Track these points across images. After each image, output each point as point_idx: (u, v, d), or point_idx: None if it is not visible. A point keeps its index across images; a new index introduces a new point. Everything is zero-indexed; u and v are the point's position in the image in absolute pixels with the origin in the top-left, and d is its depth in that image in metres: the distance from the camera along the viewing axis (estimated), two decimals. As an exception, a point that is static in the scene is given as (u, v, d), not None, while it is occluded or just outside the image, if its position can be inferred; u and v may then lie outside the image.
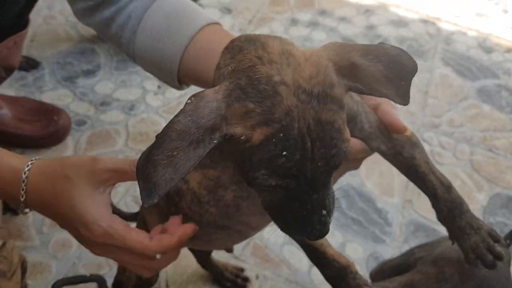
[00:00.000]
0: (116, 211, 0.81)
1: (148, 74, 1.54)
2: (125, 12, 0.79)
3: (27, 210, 0.61)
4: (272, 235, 0.54)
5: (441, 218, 0.68)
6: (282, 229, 0.54)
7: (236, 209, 0.63)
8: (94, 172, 0.59)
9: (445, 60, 1.81)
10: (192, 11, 0.80)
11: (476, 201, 1.36)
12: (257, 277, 1.13)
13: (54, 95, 1.43)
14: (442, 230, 1.25)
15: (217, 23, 0.79)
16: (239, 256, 1.16)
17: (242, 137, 0.46)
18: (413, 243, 1.23)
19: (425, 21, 1.98)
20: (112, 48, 1.61)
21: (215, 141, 0.46)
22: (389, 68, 0.51)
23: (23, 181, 0.58)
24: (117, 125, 1.39)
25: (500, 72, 1.79)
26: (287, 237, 0.54)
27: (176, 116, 0.46)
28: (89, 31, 1.65)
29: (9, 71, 1.13)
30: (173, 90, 1.51)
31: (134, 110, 1.43)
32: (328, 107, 0.47)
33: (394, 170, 0.68)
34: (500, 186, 1.41)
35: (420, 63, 1.75)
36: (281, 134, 0.45)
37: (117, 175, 0.60)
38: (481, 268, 0.72)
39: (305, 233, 0.51)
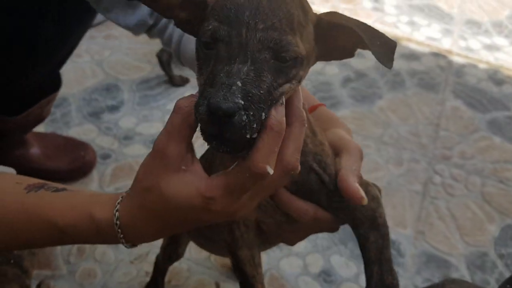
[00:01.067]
0: None
1: (169, 108, 1.61)
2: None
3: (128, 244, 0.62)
4: (288, 266, 0.58)
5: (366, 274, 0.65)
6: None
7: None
8: (164, 156, 0.55)
9: (456, 92, 1.86)
10: None
11: (488, 232, 1.39)
12: (273, 306, 1.17)
13: (80, 130, 1.51)
14: (453, 261, 1.28)
15: None
16: (256, 286, 1.20)
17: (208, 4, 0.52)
18: (426, 274, 1.27)
19: (436, 55, 2.03)
20: (134, 84, 1.69)
21: None
22: (373, 38, 0.52)
23: (116, 224, 0.60)
24: (140, 158, 1.46)
25: (511, 104, 1.83)
26: (302, 268, 0.58)
27: None
28: (114, 68, 1.74)
29: (40, 121, 1.22)
30: (193, 124, 1.58)
31: (155, 144, 1.50)
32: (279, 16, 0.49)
33: (406, 202, 0.71)
34: (511, 217, 1.43)
35: (431, 95, 1.81)
36: None
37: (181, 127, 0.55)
38: None
39: (208, 103, 0.46)
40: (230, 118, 0.45)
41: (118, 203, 0.60)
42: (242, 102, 0.46)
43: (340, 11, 0.53)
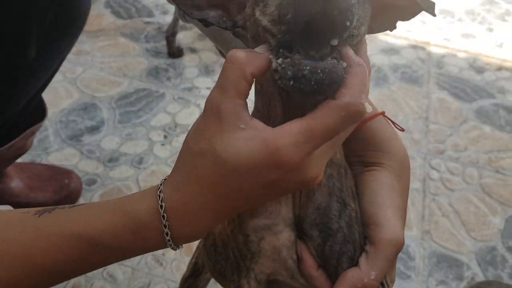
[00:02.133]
0: None
1: (153, 124, 1.53)
2: None
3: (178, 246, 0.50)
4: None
5: None
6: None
7: None
8: (218, 113, 0.45)
9: (440, 84, 1.84)
10: None
11: (493, 226, 1.37)
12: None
13: (61, 155, 1.41)
14: (464, 259, 1.26)
15: None
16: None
17: None
18: (438, 275, 1.23)
19: (415, 47, 2.02)
20: (113, 101, 1.60)
21: None
22: None
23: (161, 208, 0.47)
24: (127, 180, 1.37)
25: (495, 91, 1.83)
26: None
27: None
28: (89, 86, 1.64)
29: (22, 154, 1.12)
30: (179, 139, 1.50)
31: (142, 163, 1.42)
32: None
33: (409, 202, 0.63)
34: (513, 208, 1.42)
35: (416, 89, 1.79)
36: None
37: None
38: None
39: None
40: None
41: (160, 184, 0.48)
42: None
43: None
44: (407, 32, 2.08)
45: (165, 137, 1.51)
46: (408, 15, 0.54)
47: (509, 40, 2.10)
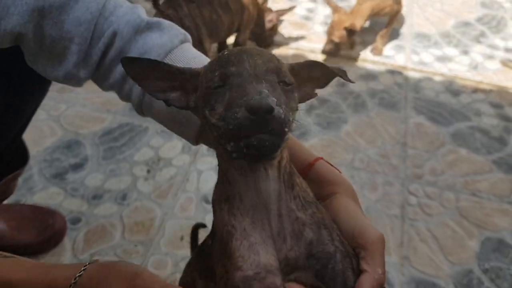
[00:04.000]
0: None
1: (136, 158, 1.56)
2: (124, 88, 0.77)
3: None
4: None
5: None
6: (230, 126, 0.54)
7: None
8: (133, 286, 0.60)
9: (417, 108, 1.89)
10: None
11: (469, 248, 1.40)
12: None
13: (45, 194, 1.44)
14: (442, 284, 1.29)
15: None
16: None
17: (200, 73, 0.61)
18: (417, 301, 1.26)
19: (392, 72, 2.07)
20: (97, 137, 1.63)
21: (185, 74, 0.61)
22: (331, 67, 0.63)
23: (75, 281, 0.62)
24: (112, 218, 1.40)
25: (471, 114, 1.88)
26: None
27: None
28: (72, 123, 1.68)
29: (4, 199, 1.15)
30: (163, 173, 1.54)
31: (126, 199, 1.45)
32: (269, 63, 0.58)
33: (387, 228, 0.71)
34: (489, 230, 1.46)
35: (394, 114, 1.84)
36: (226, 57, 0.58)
37: None
38: None
39: (248, 105, 0.52)
40: (271, 113, 0.51)
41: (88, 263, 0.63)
42: (275, 100, 0.52)
43: (294, 37, 0.53)
44: (385, 57, 2.13)
45: (148, 171, 1.54)
46: (323, 83, 0.65)
47: (484, 62, 2.16)
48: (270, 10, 2.05)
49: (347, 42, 2.04)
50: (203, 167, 1.57)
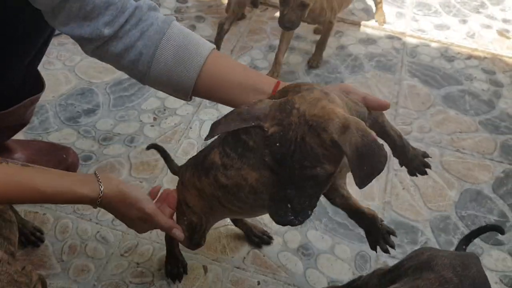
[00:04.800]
0: None
1: (144, 107, 1.68)
2: (134, 50, 0.94)
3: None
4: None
5: (397, 155, 1.02)
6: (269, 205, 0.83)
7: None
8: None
9: (412, 71, 1.98)
10: (195, 42, 0.97)
11: (448, 198, 1.52)
12: (258, 283, 1.27)
13: (59, 135, 1.57)
14: (420, 227, 1.40)
15: (214, 48, 0.99)
16: (240, 265, 1.30)
17: (266, 128, 0.78)
18: (395, 240, 1.38)
19: (391, 37, 2.16)
20: (108, 86, 1.75)
21: (253, 123, 0.79)
22: (362, 162, 0.76)
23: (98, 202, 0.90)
24: (120, 157, 1.53)
25: (463, 78, 1.97)
26: (281, 244, 0.71)
27: (242, 106, 0.82)
28: (86, 73, 1.80)
29: (23, 126, 1.27)
30: (168, 121, 1.66)
31: (134, 142, 1.58)
32: (312, 135, 0.75)
33: None
34: (469, 182, 1.57)
35: (389, 76, 1.94)
36: (281, 133, 0.76)
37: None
38: (471, 268, 0.91)
39: (272, 215, 0.81)
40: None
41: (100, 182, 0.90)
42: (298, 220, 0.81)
43: None
44: (385, 24, 2.22)
45: (155, 119, 1.66)
46: None
47: (480, 31, 2.23)
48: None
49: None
50: (205, 117, 1.69)
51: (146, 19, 0.95)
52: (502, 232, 1.10)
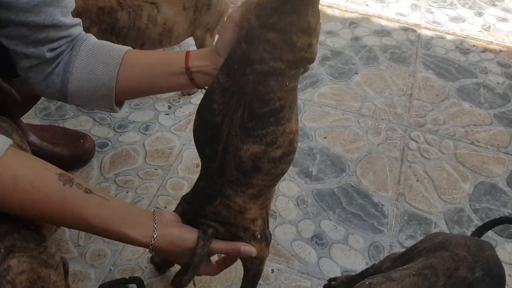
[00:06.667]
0: None
1: (158, 96, 1.68)
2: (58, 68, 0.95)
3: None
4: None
5: None
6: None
7: None
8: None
9: (426, 64, 1.97)
10: (110, 44, 0.98)
11: (462, 190, 1.51)
12: (272, 271, 1.28)
13: (76, 122, 1.58)
14: (433, 219, 1.40)
15: (130, 48, 0.99)
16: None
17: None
18: (408, 231, 1.38)
19: (405, 29, 2.15)
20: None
21: None
22: None
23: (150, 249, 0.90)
24: (135, 144, 1.54)
25: (478, 71, 1.96)
26: (295, 233, 0.69)
27: None
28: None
29: (36, 98, 1.27)
30: (182, 110, 1.66)
31: (149, 130, 1.59)
32: None
33: (387, 168, 0.83)
34: (483, 175, 1.56)
35: (403, 68, 1.93)
36: None
37: None
38: (486, 250, 0.90)
39: None
40: None
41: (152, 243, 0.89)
42: None
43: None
44: (400, 15, 2.21)
45: (169, 107, 1.67)
46: None
47: (497, 24, 2.22)
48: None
49: None
50: (220, 106, 1.70)
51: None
52: None
